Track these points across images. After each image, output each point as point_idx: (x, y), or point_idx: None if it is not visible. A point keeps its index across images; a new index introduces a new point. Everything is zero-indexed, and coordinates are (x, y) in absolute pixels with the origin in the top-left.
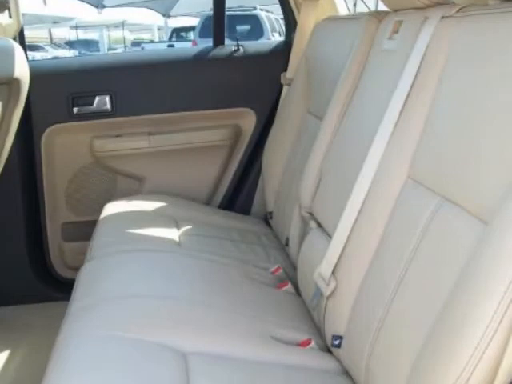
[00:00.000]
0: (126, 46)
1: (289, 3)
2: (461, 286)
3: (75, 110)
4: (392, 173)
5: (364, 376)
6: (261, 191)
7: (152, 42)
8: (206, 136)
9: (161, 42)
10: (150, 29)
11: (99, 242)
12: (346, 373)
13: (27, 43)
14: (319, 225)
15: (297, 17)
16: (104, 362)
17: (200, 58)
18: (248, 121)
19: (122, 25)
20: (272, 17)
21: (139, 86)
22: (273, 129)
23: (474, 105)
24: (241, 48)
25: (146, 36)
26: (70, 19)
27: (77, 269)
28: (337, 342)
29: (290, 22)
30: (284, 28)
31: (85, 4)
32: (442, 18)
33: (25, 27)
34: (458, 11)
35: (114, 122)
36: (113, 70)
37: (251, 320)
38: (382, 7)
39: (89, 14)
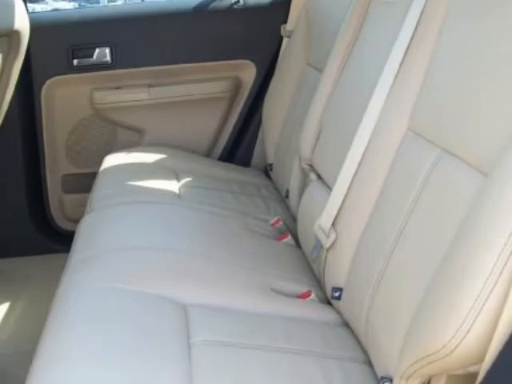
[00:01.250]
0: None
1: None
2: (461, 238)
3: (75, 61)
4: (392, 125)
5: (364, 328)
6: (261, 143)
7: None
8: (206, 88)
9: None
10: None
11: (99, 194)
12: (346, 324)
13: None
14: (319, 177)
15: None
16: (104, 314)
17: (200, 10)
18: (248, 73)
19: None
20: None
21: (139, 38)
22: (273, 81)
23: (474, 57)
24: (241, 0)
25: None
26: None
27: (77, 221)
28: (337, 294)
29: None
30: None
31: None
32: None
33: None
34: None
35: (114, 73)
36: (113, 22)
37: (251, 272)
38: None
39: None
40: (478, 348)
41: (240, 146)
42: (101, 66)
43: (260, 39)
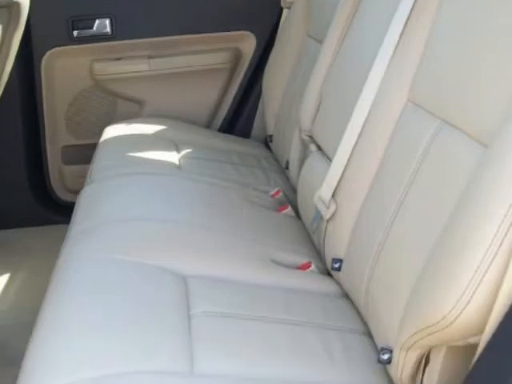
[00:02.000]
0: None
1: None
2: (461, 209)
3: (75, 33)
4: (392, 96)
5: (364, 299)
6: (261, 114)
7: None
8: (206, 59)
9: None
10: None
11: (99, 165)
12: (346, 296)
13: None
14: (319, 148)
15: None
16: (104, 285)
17: None
18: (248, 44)
19: None
20: None
21: (140, 9)
22: (273, 52)
23: (474, 28)
24: None
25: None
26: None
27: (77, 192)
28: (337, 265)
29: None
30: None
31: None
32: None
33: None
34: None
35: (114, 45)
36: None
37: (251, 243)
38: None
39: None
40: (477, 319)
41: (240, 117)
42: (101, 38)
43: (260, 10)
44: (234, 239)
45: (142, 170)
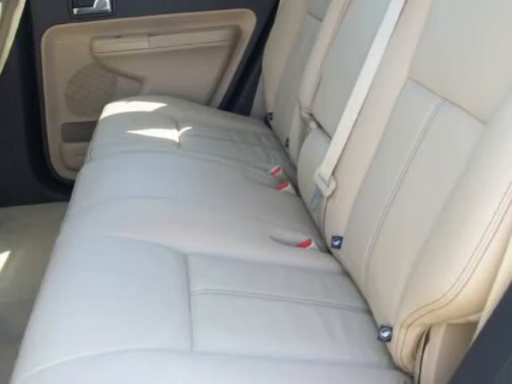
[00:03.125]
0: None
1: None
2: (461, 187)
3: (75, 10)
4: (392, 73)
5: (364, 276)
6: (261, 92)
7: None
8: (206, 37)
9: None
10: None
11: (99, 142)
12: (346, 273)
13: None
14: (319, 125)
15: None
16: (104, 263)
17: None
18: (248, 21)
19: None
20: None
21: None
22: (273, 30)
23: (474, 4)
24: None
25: None
26: None
27: (77, 169)
28: (337, 243)
29: None
30: None
31: None
32: None
33: None
34: None
35: (114, 22)
36: None
37: (251, 221)
38: None
39: None
40: (477, 297)
41: (240, 94)
42: (101, 15)
43: None
44: (234, 217)
45: (141, 147)
